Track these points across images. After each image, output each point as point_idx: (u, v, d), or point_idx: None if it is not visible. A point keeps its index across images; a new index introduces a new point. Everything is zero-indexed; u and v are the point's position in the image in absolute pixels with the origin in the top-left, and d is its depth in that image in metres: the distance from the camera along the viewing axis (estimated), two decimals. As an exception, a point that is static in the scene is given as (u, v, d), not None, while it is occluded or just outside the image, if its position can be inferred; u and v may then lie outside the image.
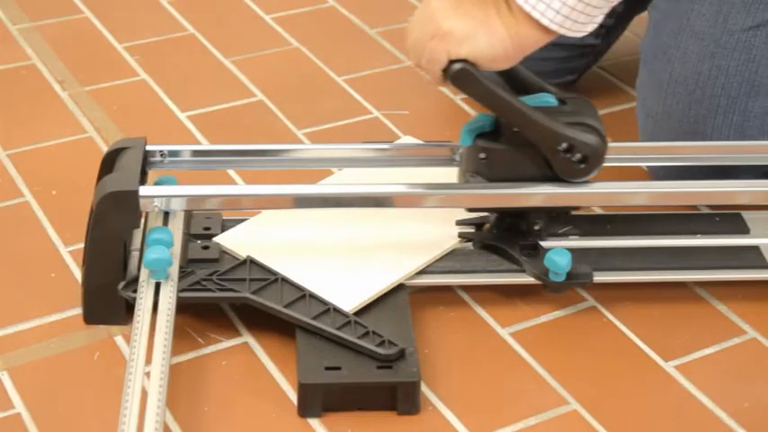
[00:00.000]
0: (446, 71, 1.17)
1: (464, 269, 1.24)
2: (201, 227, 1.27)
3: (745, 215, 1.32)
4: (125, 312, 1.20)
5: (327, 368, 1.12)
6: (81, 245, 1.22)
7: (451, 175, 1.26)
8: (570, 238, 1.28)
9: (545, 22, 1.14)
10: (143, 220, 1.25)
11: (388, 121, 1.56)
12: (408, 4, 1.83)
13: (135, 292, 1.17)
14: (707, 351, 1.21)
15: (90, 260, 1.19)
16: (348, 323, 1.15)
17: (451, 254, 1.25)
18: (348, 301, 1.18)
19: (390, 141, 1.40)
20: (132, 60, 1.68)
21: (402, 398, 1.12)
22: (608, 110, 1.58)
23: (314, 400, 1.12)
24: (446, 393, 1.15)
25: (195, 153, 1.28)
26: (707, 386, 1.16)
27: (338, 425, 1.11)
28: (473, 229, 1.27)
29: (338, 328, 1.15)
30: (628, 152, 1.33)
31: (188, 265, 1.21)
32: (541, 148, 1.20)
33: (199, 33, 1.75)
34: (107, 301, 1.20)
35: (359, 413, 1.12)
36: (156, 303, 1.15)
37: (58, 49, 1.70)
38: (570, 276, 1.21)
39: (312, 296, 1.18)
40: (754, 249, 1.28)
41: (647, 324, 1.24)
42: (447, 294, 1.26)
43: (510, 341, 1.22)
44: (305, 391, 1.11)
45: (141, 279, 1.17)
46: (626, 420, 1.13)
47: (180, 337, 1.19)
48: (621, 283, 1.26)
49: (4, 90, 1.61)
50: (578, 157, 1.19)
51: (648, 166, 1.43)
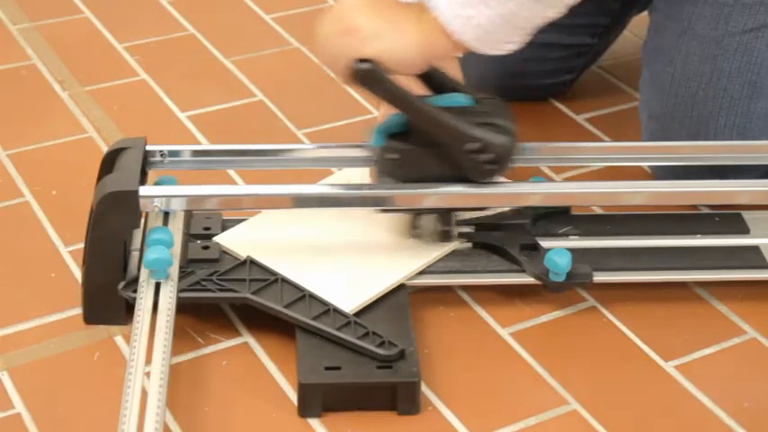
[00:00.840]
0: (353, 70, 1.14)
1: (464, 269, 1.24)
2: (201, 227, 1.27)
3: (745, 215, 1.32)
4: (125, 312, 1.20)
5: (327, 368, 1.12)
6: (81, 245, 1.22)
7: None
8: (570, 238, 1.28)
9: (467, 38, 1.12)
10: (143, 220, 1.25)
11: (388, 121, 1.56)
12: (408, 4, 1.83)
13: (135, 292, 1.17)
14: (707, 351, 1.21)
15: (90, 260, 1.19)
16: (348, 323, 1.15)
17: (451, 254, 1.25)
18: (348, 302, 1.17)
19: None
20: (132, 60, 1.68)
21: (402, 398, 1.12)
22: (608, 110, 1.58)
23: (314, 400, 1.11)
24: (446, 393, 1.15)
25: (195, 153, 1.28)
26: (707, 386, 1.16)
27: (338, 425, 1.11)
28: (473, 229, 1.27)
29: (338, 329, 1.14)
30: (628, 152, 1.33)
31: (188, 265, 1.21)
32: (450, 148, 1.17)
33: (199, 33, 1.75)
34: (107, 301, 1.20)
35: (359, 413, 1.12)
36: (156, 303, 1.15)
37: (58, 49, 1.70)
38: (570, 276, 1.21)
39: (312, 296, 1.18)
40: (754, 249, 1.28)
41: (647, 324, 1.24)
42: (447, 294, 1.26)
43: (510, 341, 1.22)
44: (305, 391, 1.11)
45: (141, 279, 1.17)
46: (626, 420, 1.13)
47: (180, 337, 1.19)
48: (621, 283, 1.26)
49: (5, 90, 1.61)
50: (489, 157, 1.17)
51: (650, 166, 1.43)
